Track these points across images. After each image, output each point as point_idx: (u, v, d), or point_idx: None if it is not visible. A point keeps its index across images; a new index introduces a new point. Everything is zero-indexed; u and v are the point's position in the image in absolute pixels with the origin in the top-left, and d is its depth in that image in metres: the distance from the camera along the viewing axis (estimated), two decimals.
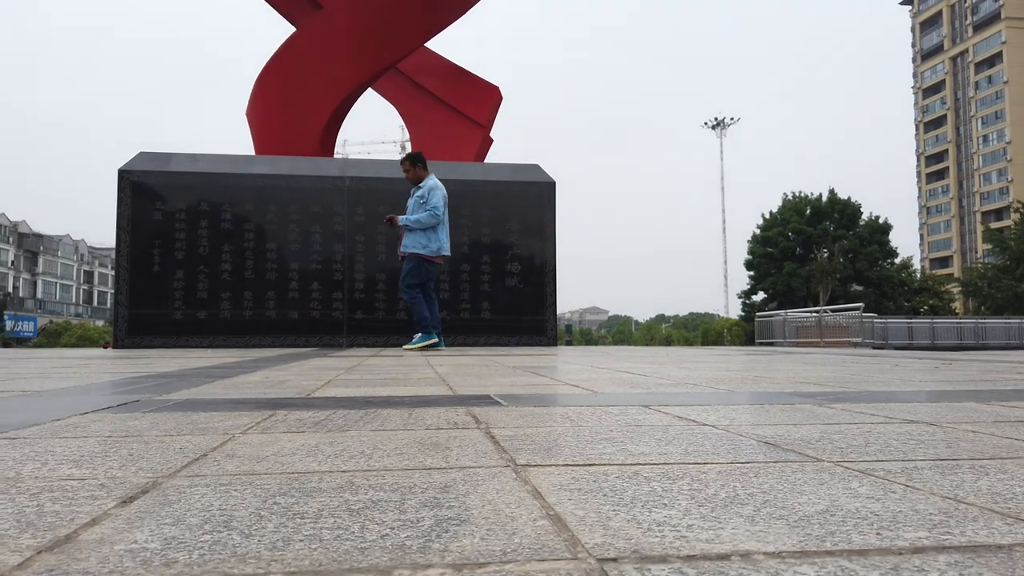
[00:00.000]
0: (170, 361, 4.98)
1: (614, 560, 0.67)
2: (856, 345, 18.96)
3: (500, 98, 16.20)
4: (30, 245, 68.54)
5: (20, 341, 45.73)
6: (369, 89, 13.61)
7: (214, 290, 8.78)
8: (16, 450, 1.28)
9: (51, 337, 47.84)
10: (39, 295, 68.16)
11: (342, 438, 1.43)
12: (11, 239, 65.40)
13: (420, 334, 6.93)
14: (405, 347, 7.04)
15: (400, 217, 6.97)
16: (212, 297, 8.77)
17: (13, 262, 65.02)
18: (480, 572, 0.64)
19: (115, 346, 8.81)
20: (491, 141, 16.60)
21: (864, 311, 22.03)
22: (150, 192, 8.79)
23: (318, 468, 1.12)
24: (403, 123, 18.05)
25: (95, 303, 77.39)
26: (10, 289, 59.58)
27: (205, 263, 8.78)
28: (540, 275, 9.41)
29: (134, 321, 8.67)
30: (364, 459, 1.20)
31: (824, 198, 46.10)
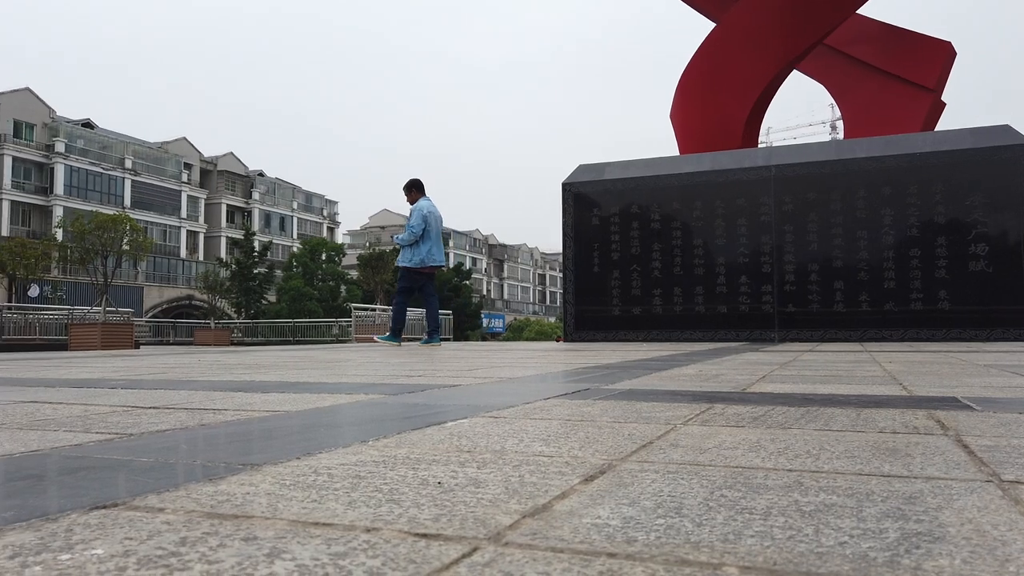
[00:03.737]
0: (611, 353, 5.40)
1: None
2: None
3: (952, 54, 13.99)
4: (497, 254, 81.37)
5: (493, 335, 54.57)
6: (793, 71, 12.95)
7: (646, 287, 9.27)
8: (499, 427, 1.51)
9: (515, 332, 56.09)
10: (505, 296, 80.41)
11: (784, 435, 1.38)
12: (483, 250, 78.53)
13: (388, 333, 8.42)
14: (376, 338, 8.68)
15: (396, 236, 8.42)
16: (645, 294, 9.28)
17: (486, 269, 77.95)
18: None
19: (565, 339, 9.90)
20: (943, 105, 14.46)
21: None
22: (588, 200, 9.67)
23: (761, 464, 1.10)
24: (833, 100, 16.75)
25: (547, 302, 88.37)
26: (484, 292, 71.46)
27: (637, 262, 9.33)
28: (1017, 256, 7.86)
29: (580, 317, 9.64)
30: (810, 459, 1.14)
31: None
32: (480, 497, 0.88)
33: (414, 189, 8.21)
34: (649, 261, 9.28)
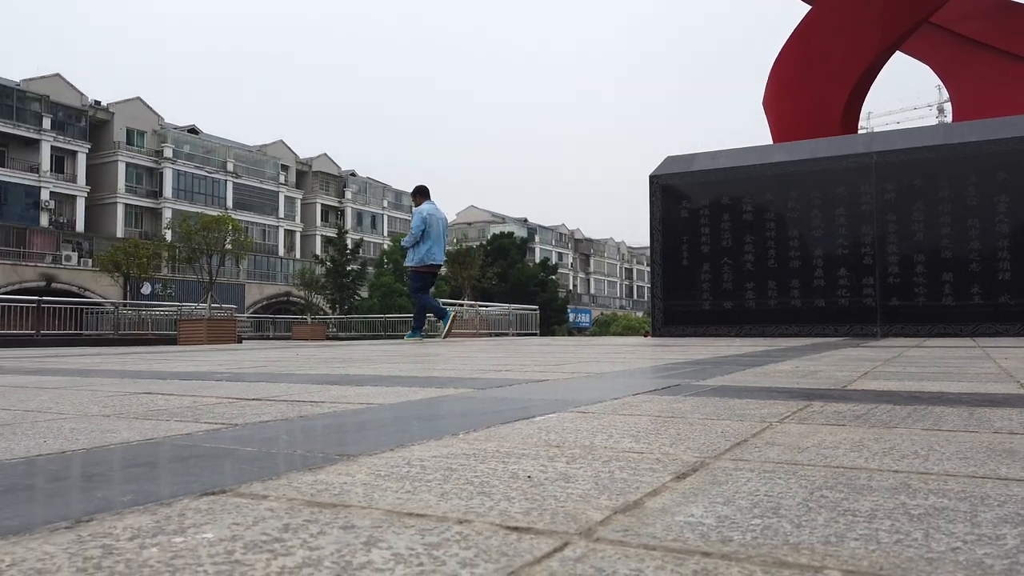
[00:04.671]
0: (701, 349, 5.29)
1: None
2: None
3: None
4: (583, 249, 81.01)
5: (580, 330, 54.40)
6: (896, 51, 12.30)
7: (738, 281, 9.02)
8: (588, 423, 1.51)
9: (602, 327, 55.72)
10: (592, 291, 79.98)
11: (888, 435, 1.31)
12: (569, 245, 78.34)
13: (441, 323, 9.11)
14: (443, 336, 9.05)
15: (403, 241, 9.24)
16: (737, 287, 9.04)
17: (572, 264, 77.72)
18: None
19: (653, 334, 9.76)
20: None
21: None
22: (676, 192, 9.49)
23: (865, 465, 1.05)
24: (940, 82, 15.83)
25: (635, 296, 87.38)
26: (571, 287, 71.32)
27: (729, 255, 9.09)
28: None
29: (668, 311, 9.48)
30: (918, 460, 1.08)
31: None
32: (570, 492, 0.88)
33: (419, 195, 8.96)
34: (741, 254, 9.03)
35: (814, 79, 11.00)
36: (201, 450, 1.22)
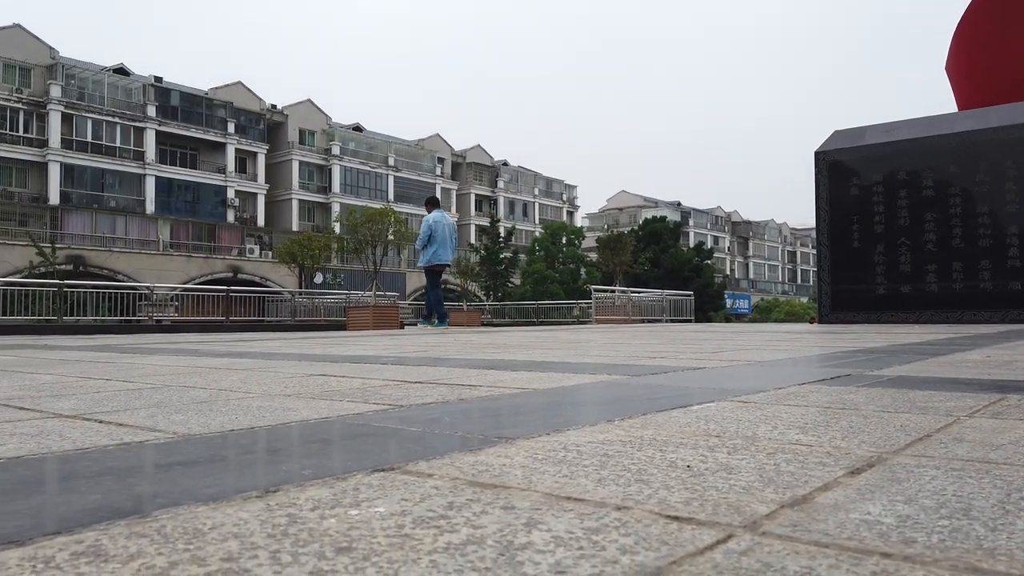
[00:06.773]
0: (875, 336, 4.92)
1: None
2: None
3: None
4: (741, 232, 77.77)
5: (738, 316, 52.35)
6: None
7: (917, 262, 8.31)
8: (750, 413, 1.45)
9: (763, 313, 53.31)
10: (750, 275, 76.71)
11: None
12: (726, 228, 75.51)
13: (435, 320, 9.89)
14: (427, 327, 9.92)
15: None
16: (915, 270, 8.33)
17: (729, 248, 74.92)
18: None
19: (819, 321, 9.21)
20: None
21: None
22: (845, 169, 8.88)
23: None
24: None
25: (798, 281, 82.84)
26: (728, 272, 68.78)
27: (906, 235, 8.39)
28: None
29: (836, 297, 8.91)
30: None
31: None
32: (732, 484, 0.85)
33: (428, 204, 10.34)
34: (921, 233, 8.30)
35: (1009, 36, 9.86)
36: (370, 429, 1.29)
